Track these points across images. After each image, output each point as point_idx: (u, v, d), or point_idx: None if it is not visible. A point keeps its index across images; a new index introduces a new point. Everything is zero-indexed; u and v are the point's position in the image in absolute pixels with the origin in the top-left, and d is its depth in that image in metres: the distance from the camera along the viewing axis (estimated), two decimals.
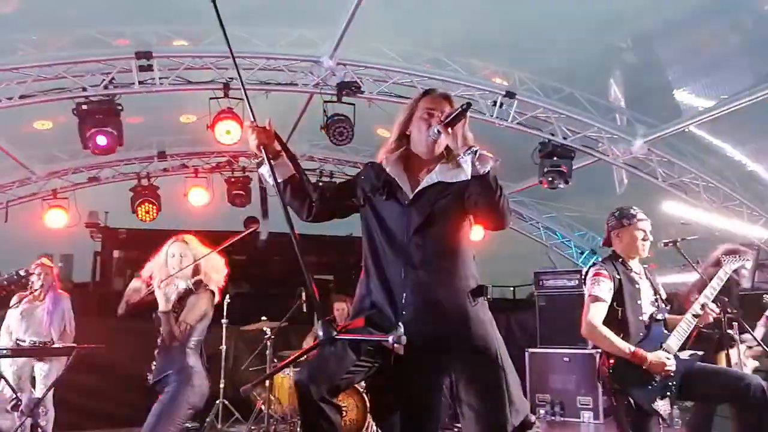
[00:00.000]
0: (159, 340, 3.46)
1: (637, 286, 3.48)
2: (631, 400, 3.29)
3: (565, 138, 6.83)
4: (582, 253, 9.85)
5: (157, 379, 3.39)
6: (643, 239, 3.54)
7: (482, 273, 2.56)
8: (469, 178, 2.34)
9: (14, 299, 5.25)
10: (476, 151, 2.31)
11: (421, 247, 2.42)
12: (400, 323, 2.25)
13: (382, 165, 2.60)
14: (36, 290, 5.16)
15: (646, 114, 6.56)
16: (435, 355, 2.38)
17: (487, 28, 5.60)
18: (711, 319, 3.53)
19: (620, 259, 3.55)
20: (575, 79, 6.27)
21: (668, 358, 3.29)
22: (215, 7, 2.41)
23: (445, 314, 2.40)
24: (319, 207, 2.59)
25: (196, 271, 3.55)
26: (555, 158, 6.88)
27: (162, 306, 3.32)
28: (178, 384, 3.30)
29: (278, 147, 2.57)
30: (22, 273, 4.13)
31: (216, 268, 3.63)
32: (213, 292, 3.57)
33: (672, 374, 3.30)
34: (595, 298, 3.39)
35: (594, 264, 3.64)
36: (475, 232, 2.71)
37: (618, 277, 3.44)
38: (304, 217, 2.60)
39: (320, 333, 1.98)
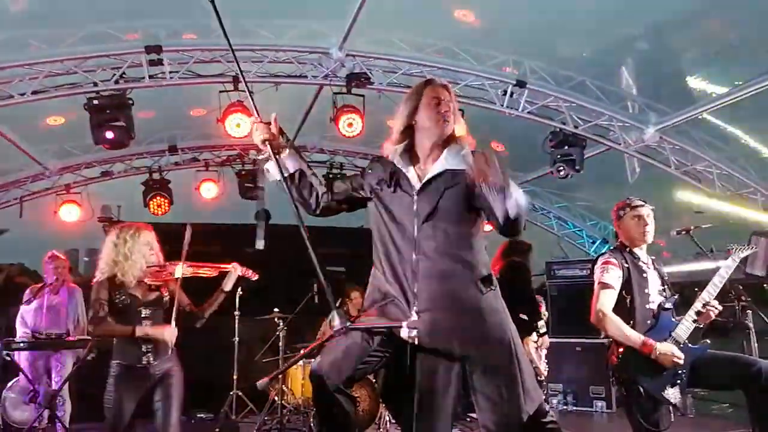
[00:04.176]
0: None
1: (645, 275, 3.52)
2: (641, 389, 3.29)
3: (576, 127, 6.76)
4: (594, 243, 9.79)
5: (155, 364, 3.45)
6: (644, 225, 3.55)
7: None
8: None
9: (27, 293, 5.30)
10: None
11: (431, 237, 2.42)
12: (413, 313, 2.26)
13: (389, 158, 2.61)
14: (50, 284, 5.21)
15: (658, 101, 6.47)
16: (449, 344, 2.38)
17: (496, 17, 5.56)
18: (713, 316, 3.46)
19: (627, 249, 3.59)
20: (586, 68, 6.20)
21: (677, 350, 3.30)
22: (213, 5, 2.43)
23: (458, 304, 2.40)
24: (326, 201, 2.62)
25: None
26: (566, 147, 6.83)
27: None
28: (178, 373, 3.50)
29: (283, 142, 2.59)
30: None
31: None
32: None
33: (681, 364, 3.31)
34: (605, 285, 3.43)
35: (603, 253, 3.68)
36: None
37: (627, 265, 3.49)
38: (310, 211, 2.63)
39: (336, 323, 2.00)
